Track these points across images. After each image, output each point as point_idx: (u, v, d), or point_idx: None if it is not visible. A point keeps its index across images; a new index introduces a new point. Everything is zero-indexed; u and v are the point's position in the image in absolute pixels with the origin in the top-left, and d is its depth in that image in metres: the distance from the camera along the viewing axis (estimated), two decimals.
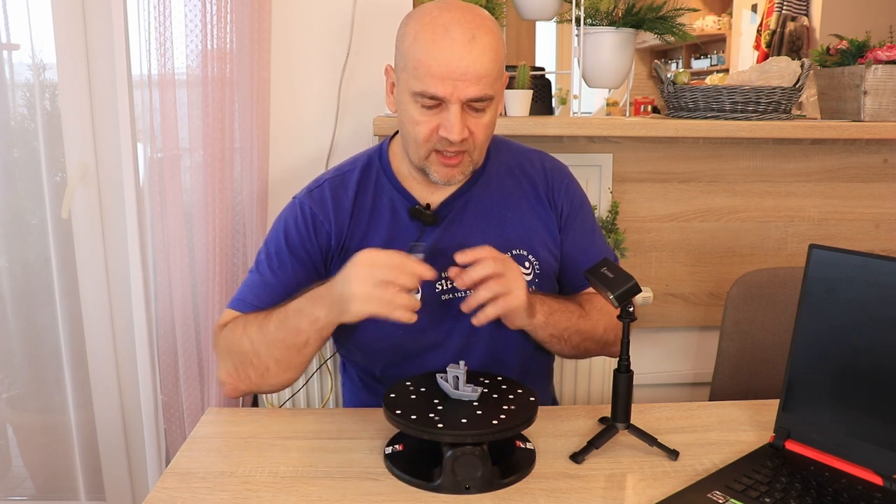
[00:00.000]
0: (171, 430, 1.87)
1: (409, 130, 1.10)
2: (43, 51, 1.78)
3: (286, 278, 1.16)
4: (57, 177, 1.85)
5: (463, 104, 1.06)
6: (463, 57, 1.03)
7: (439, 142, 1.09)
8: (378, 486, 0.92)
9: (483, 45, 1.04)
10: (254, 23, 1.70)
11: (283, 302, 1.12)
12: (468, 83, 1.04)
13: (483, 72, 1.04)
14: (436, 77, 1.04)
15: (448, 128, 1.06)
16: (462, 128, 1.06)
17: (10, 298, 1.92)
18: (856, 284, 0.95)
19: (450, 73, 1.03)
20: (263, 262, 1.19)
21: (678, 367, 2.06)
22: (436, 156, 1.10)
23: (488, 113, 1.10)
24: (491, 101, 1.09)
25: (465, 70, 1.03)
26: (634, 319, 0.97)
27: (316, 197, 1.20)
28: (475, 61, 1.04)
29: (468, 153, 1.11)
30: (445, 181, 1.13)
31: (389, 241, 1.17)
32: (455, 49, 1.03)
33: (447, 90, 1.04)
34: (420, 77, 1.05)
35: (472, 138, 1.09)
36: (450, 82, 1.03)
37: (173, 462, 0.98)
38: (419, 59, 1.05)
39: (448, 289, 1.18)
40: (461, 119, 1.06)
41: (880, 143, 1.92)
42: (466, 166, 1.13)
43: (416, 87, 1.05)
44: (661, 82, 1.87)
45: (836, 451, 0.96)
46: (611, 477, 0.95)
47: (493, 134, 1.26)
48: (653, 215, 1.93)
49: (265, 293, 1.16)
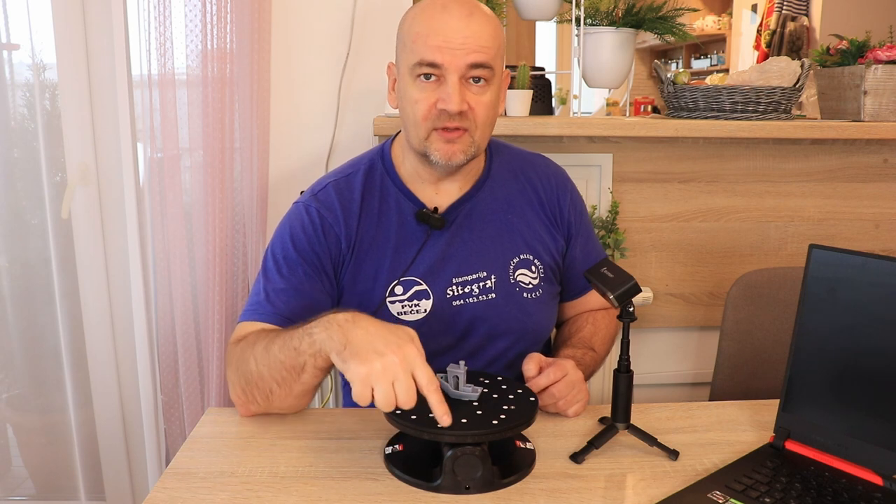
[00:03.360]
0: (171, 430, 1.87)
1: (410, 112, 1.10)
2: (43, 51, 1.78)
3: (298, 283, 1.12)
4: (57, 177, 1.85)
5: (461, 78, 1.06)
6: (461, 28, 1.05)
7: (439, 117, 1.07)
8: (378, 486, 0.92)
9: (481, 20, 1.06)
10: (254, 23, 1.70)
11: (293, 311, 1.10)
12: (466, 52, 1.05)
13: (482, 42, 1.05)
14: (432, 46, 1.05)
15: (446, 98, 1.05)
16: (460, 99, 1.06)
17: (10, 298, 1.92)
18: (856, 284, 0.95)
19: (448, 42, 1.04)
20: (272, 269, 1.14)
21: (678, 367, 2.06)
22: (436, 133, 1.09)
23: (489, 92, 1.09)
24: (491, 78, 1.08)
25: (464, 40, 1.04)
26: (634, 319, 0.97)
27: (322, 199, 1.17)
28: (473, 33, 1.05)
29: (469, 132, 1.09)
30: (446, 160, 1.10)
31: (398, 245, 1.16)
32: (453, 21, 1.05)
33: (445, 58, 1.05)
34: (418, 49, 1.06)
35: (472, 114, 1.08)
36: (448, 50, 1.04)
37: (173, 462, 0.98)
38: (417, 32, 1.06)
39: (459, 294, 1.17)
40: (459, 90, 1.06)
41: (880, 143, 1.92)
42: (467, 146, 1.10)
43: (414, 59, 1.06)
44: (661, 82, 1.87)
45: (836, 451, 0.96)
46: (611, 477, 0.95)
47: (495, 138, 1.27)
48: (653, 215, 1.93)
49: (279, 300, 1.11)
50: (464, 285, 1.17)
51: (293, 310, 1.10)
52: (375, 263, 1.16)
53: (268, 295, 1.12)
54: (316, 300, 1.13)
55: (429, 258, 1.16)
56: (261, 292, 1.13)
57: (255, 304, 1.12)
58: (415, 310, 1.15)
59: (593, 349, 1.24)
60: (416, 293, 1.15)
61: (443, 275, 1.16)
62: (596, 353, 1.24)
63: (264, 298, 1.12)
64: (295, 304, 1.11)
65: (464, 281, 1.17)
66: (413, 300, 1.15)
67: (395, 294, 1.15)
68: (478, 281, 1.18)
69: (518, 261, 1.20)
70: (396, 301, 1.15)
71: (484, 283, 1.18)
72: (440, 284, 1.16)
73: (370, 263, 1.16)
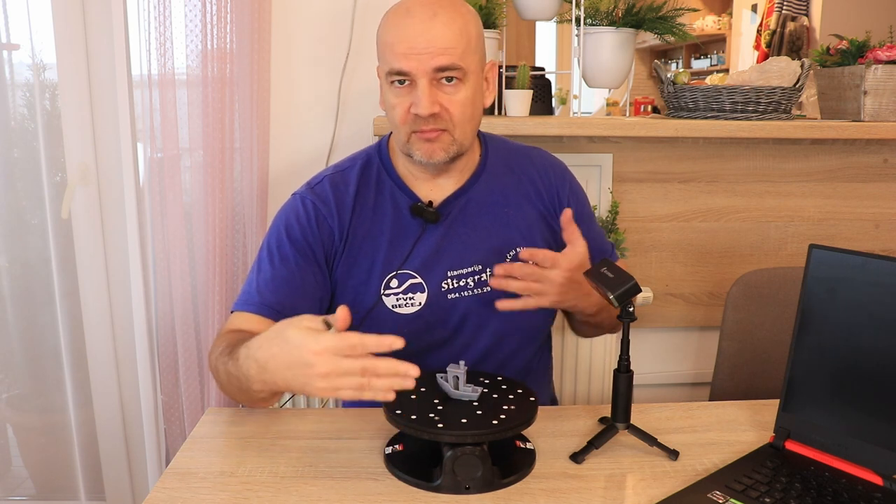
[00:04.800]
0: (171, 430, 1.87)
1: (391, 117, 1.13)
2: (43, 51, 1.78)
3: (290, 272, 1.15)
4: (57, 177, 1.85)
5: (431, 79, 1.07)
6: (423, 32, 1.05)
7: (415, 121, 1.09)
8: (378, 486, 0.92)
9: (445, 20, 1.06)
10: (254, 23, 1.70)
11: (282, 301, 1.12)
12: (430, 55, 1.05)
13: (446, 44, 1.06)
14: (398, 54, 1.06)
15: (416, 103, 1.07)
16: (430, 102, 1.07)
17: (10, 298, 1.92)
18: (856, 284, 0.95)
19: (412, 48, 1.06)
20: (265, 259, 1.17)
21: (678, 367, 2.06)
22: (415, 136, 1.11)
23: (462, 90, 1.09)
24: (463, 77, 1.09)
25: (427, 44, 1.05)
26: (634, 319, 0.97)
27: (318, 192, 1.20)
28: (437, 35, 1.06)
29: (448, 131, 1.11)
30: (427, 159, 1.12)
31: (394, 239, 1.17)
32: (415, 25, 1.06)
33: (411, 64, 1.06)
34: (387, 58, 1.08)
35: (447, 115, 1.09)
36: (413, 56, 1.06)
37: (173, 462, 0.98)
38: (385, 41, 1.09)
39: (453, 288, 1.18)
40: (429, 94, 1.07)
41: (880, 143, 1.92)
42: (448, 144, 1.11)
43: (386, 68, 1.09)
44: (661, 82, 1.87)
45: (836, 451, 0.96)
46: (611, 477, 0.95)
47: (491, 133, 1.27)
48: (653, 215, 1.93)
49: (268, 289, 1.13)
50: (458, 279, 1.18)
51: (281, 300, 1.13)
52: (370, 257, 1.17)
53: (258, 285, 1.15)
54: (306, 290, 1.15)
55: (424, 252, 1.17)
56: (252, 282, 1.16)
57: (246, 293, 1.16)
58: (409, 303, 1.17)
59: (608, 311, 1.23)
60: (411, 286, 1.17)
61: (437, 268, 1.18)
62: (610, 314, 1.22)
63: (254, 289, 1.15)
64: (284, 293, 1.13)
65: (458, 274, 1.18)
66: (408, 293, 1.17)
67: (390, 287, 1.17)
68: (473, 274, 1.19)
69: (514, 254, 1.20)
70: (391, 294, 1.17)
71: (479, 276, 1.19)
72: (435, 278, 1.17)
73: (365, 257, 1.17)
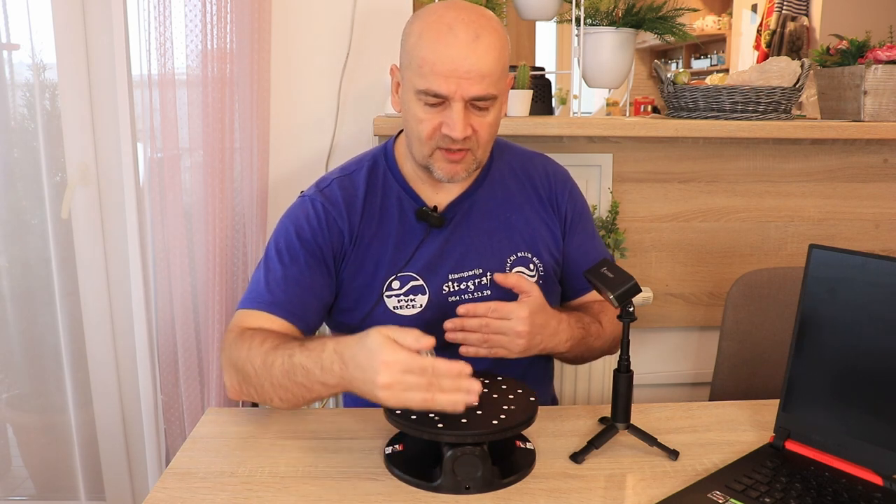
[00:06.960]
0: (171, 430, 1.87)
1: (414, 128, 1.11)
2: (43, 51, 1.78)
3: (298, 272, 1.15)
4: (57, 177, 1.85)
5: (466, 102, 1.06)
6: (467, 55, 1.03)
7: (442, 139, 1.09)
8: (378, 486, 0.92)
9: (487, 44, 1.05)
10: (254, 23, 1.70)
11: (291, 301, 1.12)
12: (471, 82, 1.04)
13: (486, 70, 1.05)
14: (439, 75, 1.04)
15: (451, 125, 1.06)
16: (465, 126, 1.06)
17: (10, 298, 1.92)
18: (856, 284, 0.95)
19: (453, 72, 1.03)
20: (273, 258, 1.16)
21: (678, 367, 2.06)
22: (440, 153, 1.11)
23: (492, 112, 1.10)
24: (494, 101, 1.09)
25: (469, 69, 1.04)
26: (634, 319, 0.97)
27: (328, 195, 1.19)
28: (479, 60, 1.04)
29: (472, 151, 1.11)
30: (448, 178, 1.13)
31: (399, 241, 1.18)
32: (459, 47, 1.03)
33: (450, 88, 1.04)
34: (424, 75, 1.05)
35: (475, 136, 1.09)
36: (453, 80, 1.04)
37: (173, 462, 0.98)
38: (423, 58, 1.05)
39: (455, 290, 1.18)
40: (464, 117, 1.06)
41: (880, 143, 1.92)
42: (470, 164, 1.13)
43: (421, 86, 1.06)
44: (661, 82, 1.87)
45: (836, 451, 0.96)
46: (611, 477, 0.95)
47: (497, 137, 1.27)
48: (653, 215, 1.93)
49: (278, 288, 1.13)
50: (459, 282, 1.19)
51: (291, 299, 1.13)
52: (376, 258, 1.18)
53: (267, 283, 1.14)
54: (315, 290, 1.15)
55: (427, 254, 1.18)
56: (261, 280, 1.15)
57: (254, 291, 1.15)
58: (411, 304, 1.17)
59: (600, 323, 1.23)
60: (413, 288, 1.17)
61: (439, 271, 1.18)
62: (602, 328, 1.22)
63: (264, 287, 1.14)
64: (293, 293, 1.13)
65: (459, 277, 1.19)
66: (409, 295, 1.17)
67: (392, 288, 1.17)
68: (473, 278, 1.19)
69: (515, 258, 1.21)
70: (393, 295, 1.17)
71: (479, 279, 1.19)
72: (436, 280, 1.18)
73: (371, 259, 1.18)
